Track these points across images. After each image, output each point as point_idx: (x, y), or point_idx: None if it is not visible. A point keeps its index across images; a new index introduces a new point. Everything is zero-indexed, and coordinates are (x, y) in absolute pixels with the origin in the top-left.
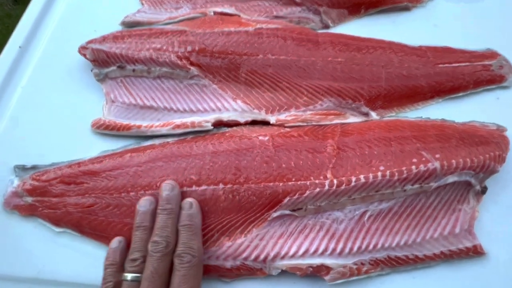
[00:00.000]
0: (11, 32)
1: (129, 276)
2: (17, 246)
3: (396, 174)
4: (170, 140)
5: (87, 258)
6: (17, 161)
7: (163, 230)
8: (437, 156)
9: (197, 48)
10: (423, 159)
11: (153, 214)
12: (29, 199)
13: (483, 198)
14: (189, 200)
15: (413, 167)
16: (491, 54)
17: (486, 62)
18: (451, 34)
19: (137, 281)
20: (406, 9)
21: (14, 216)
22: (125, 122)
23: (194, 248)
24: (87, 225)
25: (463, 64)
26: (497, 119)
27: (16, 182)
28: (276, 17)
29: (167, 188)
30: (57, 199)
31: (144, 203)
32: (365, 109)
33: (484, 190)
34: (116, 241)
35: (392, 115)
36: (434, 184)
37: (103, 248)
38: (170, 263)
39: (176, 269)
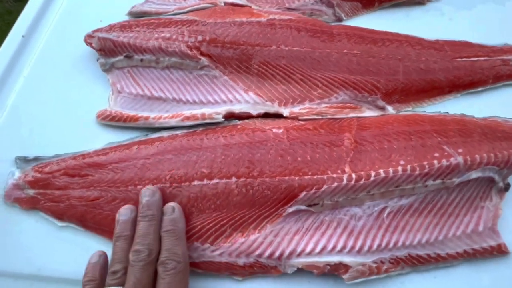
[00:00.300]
0: (11, 29)
1: None
2: (18, 241)
3: (418, 168)
4: (179, 132)
5: (91, 254)
6: (18, 152)
7: (145, 238)
8: (460, 150)
9: (208, 38)
10: (445, 153)
11: (134, 223)
12: (31, 192)
13: (506, 195)
14: (171, 204)
15: (435, 161)
16: (510, 49)
17: (505, 57)
18: (467, 29)
19: None
20: (421, 3)
21: (14, 209)
22: (132, 113)
23: (178, 253)
24: (91, 219)
25: (482, 58)
26: None
27: (18, 174)
28: (288, 8)
29: (147, 193)
30: (61, 191)
31: (124, 212)
32: (381, 103)
33: (507, 187)
34: (96, 255)
35: (409, 110)
36: (456, 180)
37: (108, 244)
38: (153, 273)
39: (161, 277)
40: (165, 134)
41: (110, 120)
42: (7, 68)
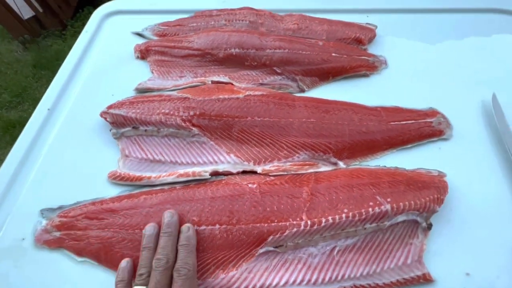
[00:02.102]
0: (19, 76)
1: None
2: (47, 279)
3: (357, 215)
4: (177, 186)
5: (102, 283)
6: (44, 206)
7: (164, 249)
8: (389, 200)
9: (198, 113)
10: (378, 202)
11: (157, 237)
12: (57, 234)
13: (429, 233)
14: (187, 225)
15: (370, 209)
16: (432, 113)
17: (428, 120)
18: (401, 96)
19: None
20: (365, 76)
21: (43, 250)
22: (137, 174)
23: (189, 263)
24: (104, 255)
25: (410, 121)
26: (439, 166)
27: (44, 221)
28: (261, 84)
29: (168, 215)
30: (81, 232)
31: (149, 228)
32: (333, 159)
33: (429, 226)
34: (124, 262)
35: (356, 164)
36: (387, 223)
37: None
38: (170, 277)
39: (175, 281)
40: (166, 186)
41: (120, 180)
42: (35, 136)
